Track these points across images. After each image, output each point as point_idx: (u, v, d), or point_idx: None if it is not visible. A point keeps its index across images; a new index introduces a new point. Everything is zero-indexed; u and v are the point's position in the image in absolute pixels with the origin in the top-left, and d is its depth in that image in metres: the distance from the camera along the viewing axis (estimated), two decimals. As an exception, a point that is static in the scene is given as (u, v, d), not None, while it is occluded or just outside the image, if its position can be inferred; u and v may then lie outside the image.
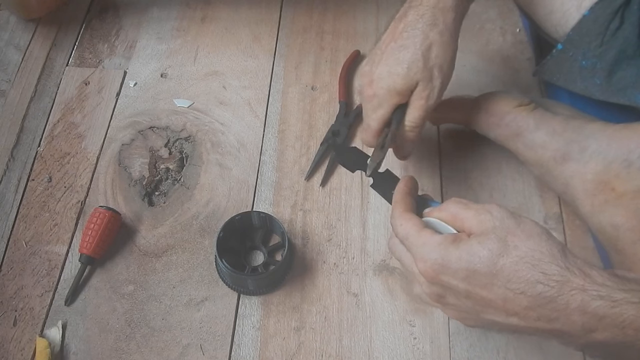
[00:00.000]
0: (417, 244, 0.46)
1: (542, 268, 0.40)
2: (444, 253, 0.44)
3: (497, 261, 0.41)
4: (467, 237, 0.44)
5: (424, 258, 0.45)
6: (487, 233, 0.43)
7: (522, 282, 0.40)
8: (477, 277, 0.42)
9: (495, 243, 0.42)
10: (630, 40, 0.62)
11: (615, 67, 0.64)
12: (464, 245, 0.43)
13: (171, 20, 0.87)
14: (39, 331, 0.62)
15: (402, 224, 0.48)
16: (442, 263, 0.43)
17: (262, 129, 0.76)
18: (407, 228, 0.47)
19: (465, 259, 0.43)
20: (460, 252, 0.43)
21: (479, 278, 0.42)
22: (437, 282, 0.45)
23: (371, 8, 0.88)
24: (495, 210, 0.44)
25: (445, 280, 0.44)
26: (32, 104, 0.79)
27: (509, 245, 0.42)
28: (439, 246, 0.44)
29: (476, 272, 0.42)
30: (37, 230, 0.68)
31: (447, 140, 0.75)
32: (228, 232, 0.64)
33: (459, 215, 0.46)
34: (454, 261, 0.43)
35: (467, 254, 0.43)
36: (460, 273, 0.43)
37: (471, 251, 0.43)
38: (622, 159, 0.57)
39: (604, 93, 0.65)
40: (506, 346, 0.61)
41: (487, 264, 0.42)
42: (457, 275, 0.43)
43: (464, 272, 0.43)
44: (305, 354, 0.61)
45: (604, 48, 0.64)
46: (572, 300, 0.39)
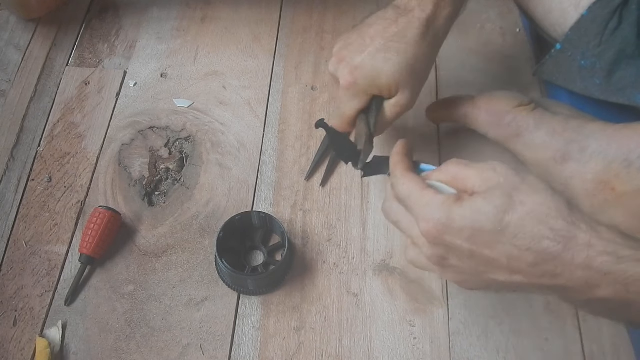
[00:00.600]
0: (420, 203, 0.44)
1: (549, 223, 0.39)
2: (448, 212, 0.42)
3: (503, 217, 0.40)
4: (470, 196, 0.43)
5: (427, 218, 0.43)
6: (492, 189, 0.41)
7: (529, 238, 0.39)
8: (483, 235, 0.41)
9: (501, 199, 0.41)
10: (629, 40, 0.62)
11: (614, 67, 0.64)
12: (468, 203, 0.41)
13: (171, 20, 0.87)
14: (39, 331, 0.62)
15: (404, 182, 0.46)
16: (446, 222, 0.42)
17: (262, 129, 0.76)
18: (410, 187, 0.45)
19: (470, 217, 0.41)
20: (465, 210, 0.41)
21: (484, 236, 0.41)
22: (439, 243, 0.43)
23: (371, 8, 0.87)
24: (499, 167, 0.43)
25: (449, 240, 0.42)
26: (32, 104, 0.79)
27: (515, 200, 0.40)
28: (443, 205, 0.42)
29: (481, 229, 0.41)
30: (37, 230, 0.68)
31: (447, 140, 0.75)
32: (228, 232, 0.64)
33: (460, 175, 0.45)
34: (459, 219, 0.41)
35: (471, 212, 0.41)
36: (465, 232, 0.41)
37: (476, 208, 0.41)
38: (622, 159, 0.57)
39: (603, 93, 0.65)
40: (506, 346, 0.61)
41: (492, 220, 0.40)
42: (461, 234, 0.41)
43: (469, 230, 0.41)
44: (305, 354, 0.61)
45: (602, 48, 0.64)
46: (577, 256, 0.38)
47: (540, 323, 0.62)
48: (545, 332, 0.62)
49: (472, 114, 0.69)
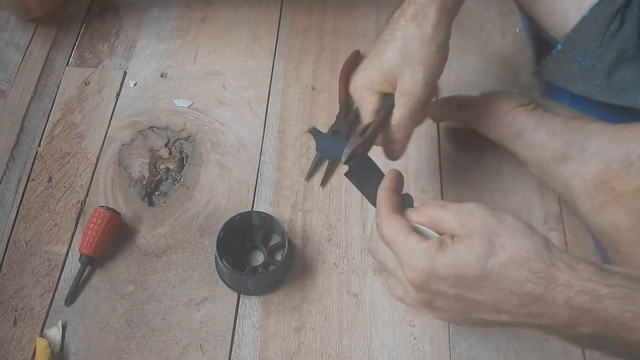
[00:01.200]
0: (404, 251, 0.45)
1: (529, 266, 0.41)
2: (431, 260, 0.43)
3: (486, 263, 0.41)
4: (451, 240, 0.43)
5: (412, 267, 0.44)
6: (472, 235, 0.43)
7: (511, 282, 0.41)
8: (467, 281, 0.42)
9: (481, 245, 0.42)
10: (630, 42, 0.62)
11: (614, 68, 0.64)
12: (450, 251, 0.43)
13: (171, 20, 0.87)
14: (39, 331, 0.62)
15: (388, 226, 0.47)
16: (430, 271, 0.43)
17: (262, 129, 0.76)
18: (395, 232, 0.46)
19: (453, 265, 0.42)
20: (448, 259, 0.42)
21: (468, 282, 0.42)
22: (425, 290, 0.44)
23: (371, 8, 0.88)
24: (476, 210, 0.44)
25: (434, 287, 0.43)
26: (32, 104, 0.79)
27: (496, 245, 0.42)
28: (426, 253, 0.43)
29: (465, 276, 0.42)
30: (37, 230, 0.68)
31: (447, 139, 0.75)
32: (228, 232, 0.64)
33: (439, 218, 0.46)
34: (442, 268, 0.42)
35: (454, 259, 0.42)
36: (449, 280, 0.43)
37: (458, 256, 0.42)
38: (622, 159, 0.57)
39: (603, 94, 0.65)
40: (506, 346, 0.61)
41: (475, 267, 0.42)
42: (446, 282, 0.43)
43: (453, 278, 0.42)
44: (305, 354, 0.61)
45: (603, 49, 0.64)
46: (559, 296, 0.40)
47: (540, 323, 0.62)
48: (545, 332, 0.62)
49: (472, 114, 0.69)
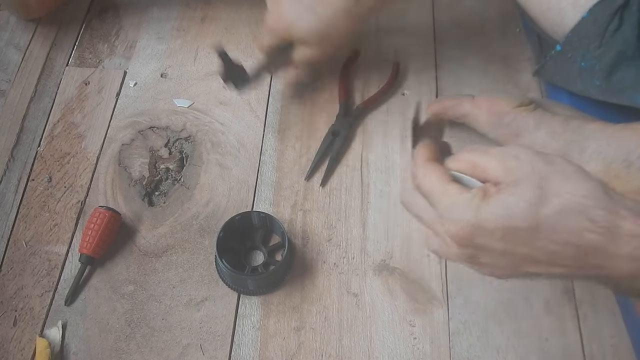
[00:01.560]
0: (445, 202, 0.41)
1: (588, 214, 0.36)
2: (475, 212, 0.39)
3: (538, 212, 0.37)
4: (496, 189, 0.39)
5: (454, 220, 0.40)
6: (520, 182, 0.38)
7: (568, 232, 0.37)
8: (518, 233, 0.38)
9: (532, 192, 0.37)
10: (629, 42, 0.62)
11: (614, 69, 0.64)
12: (496, 201, 0.38)
13: (171, 20, 0.87)
14: (39, 331, 0.62)
15: (425, 174, 0.43)
16: (476, 224, 0.39)
17: (262, 129, 0.76)
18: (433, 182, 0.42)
19: (501, 216, 0.38)
20: (494, 209, 0.38)
21: (519, 235, 0.38)
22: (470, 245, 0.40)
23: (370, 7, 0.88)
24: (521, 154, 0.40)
25: (480, 242, 0.39)
26: (32, 104, 0.79)
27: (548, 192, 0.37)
28: (469, 205, 0.39)
29: (515, 228, 0.38)
30: (37, 230, 0.68)
31: (447, 139, 0.75)
32: (228, 232, 0.64)
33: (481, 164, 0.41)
34: (488, 220, 0.38)
35: (503, 210, 0.38)
36: (497, 233, 0.38)
37: (507, 206, 0.38)
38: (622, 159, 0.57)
39: (603, 94, 0.65)
40: (506, 346, 0.61)
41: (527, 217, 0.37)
42: (493, 236, 0.39)
43: (501, 231, 0.38)
44: (305, 354, 0.61)
45: (602, 50, 0.64)
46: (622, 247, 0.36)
47: (540, 323, 0.62)
48: (545, 332, 0.62)
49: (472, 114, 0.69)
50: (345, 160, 0.74)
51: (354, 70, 0.82)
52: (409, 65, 0.82)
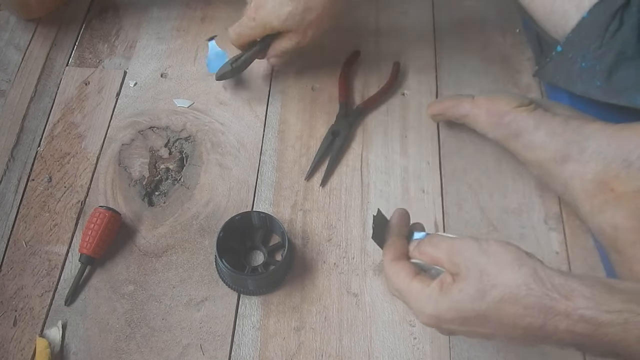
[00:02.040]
0: (411, 298, 0.49)
1: (522, 303, 0.42)
2: (434, 306, 0.46)
3: (481, 305, 0.44)
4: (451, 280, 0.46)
5: (420, 311, 0.48)
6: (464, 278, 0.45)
7: (511, 317, 0.43)
8: (470, 320, 0.45)
9: (473, 287, 0.44)
10: (629, 42, 0.62)
11: (614, 69, 0.64)
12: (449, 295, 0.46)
13: (171, 20, 0.87)
14: (39, 331, 0.62)
15: (393, 273, 0.51)
16: (437, 315, 0.46)
17: (262, 129, 0.76)
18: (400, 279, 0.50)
19: (454, 309, 0.45)
20: (448, 302, 0.45)
21: (472, 321, 0.45)
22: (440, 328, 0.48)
23: (371, 8, 0.88)
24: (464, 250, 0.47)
25: (446, 327, 0.47)
26: (32, 104, 0.79)
27: (486, 285, 0.44)
28: (430, 299, 0.46)
29: (468, 317, 0.45)
30: (37, 230, 0.68)
31: (447, 139, 0.75)
32: (228, 232, 0.64)
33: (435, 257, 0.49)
34: (445, 312, 0.46)
35: (454, 304, 0.45)
36: (456, 321, 0.46)
37: (456, 300, 0.45)
38: (621, 159, 0.57)
39: (603, 94, 0.65)
40: (506, 346, 0.61)
41: (473, 309, 0.44)
42: (454, 323, 0.46)
43: (458, 319, 0.45)
44: (305, 354, 0.61)
45: (603, 50, 0.64)
46: (559, 324, 0.41)
47: (540, 323, 0.62)
48: (545, 332, 0.62)
49: (472, 114, 0.69)
50: (345, 160, 0.74)
51: (354, 70, 0.82)
52: (409, 65, 0.82)
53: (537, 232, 0.68)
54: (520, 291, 0.42)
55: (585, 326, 0.40)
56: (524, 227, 0.68)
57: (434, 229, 0.68)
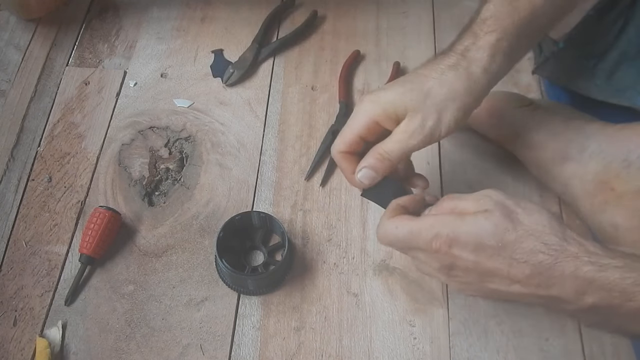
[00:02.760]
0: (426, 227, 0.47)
1: (543, 239, 0.44)
2: (453, 226, 0.46)
3: (504, 235, 0.44)
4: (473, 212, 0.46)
5: (437, 234, 0.46)
6: (492, 210, 0.45)
7: (526, 252, 0.44)
8: (485, 249, 0.45)
9: (501, 218, 0.45)
10: (633, 42, 0.62)
11: (615, 68, 0.64)
12: (472, 219, 0.46)
13: (171, 20, 0.87)
14: (39, 331, 0.62)
15: (397, 225, 0.49)
16: (454, 236, 0.45)
17: (262, 129, 0.76)
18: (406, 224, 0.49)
19: (474, 233, 0.45)
20: (469, 226, 0.45)
21: (486, 250, 0.45)
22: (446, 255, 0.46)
23: (371, 8, 0.88)
24: (493, 194, 0.47)
25: (456, 252, 0.46)
26: (32, 104, 0.79)
27: (514, 220, 0.45)
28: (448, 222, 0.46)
29: (484, 245, 0.45)
30: (37, 230, 0.68)
31: (447, 139, 0.75)
32: (228, 232, 0.64)
33: (458, 207, 0.48)
34: (464, 234, 0.45)
35: (476, 228, 0.45)
36: (470, 245, 0.45)
37: (479, 226, 0.45)
38: (621, 159, 0.57)
39: (603, 93, 0.65)
40: (506, 346, 0.61)
41: (494, 237, 0.44)
42: (467, 247, 0.45)
43: (473, 244, 0.45)
44: (305, 354, 0.61)
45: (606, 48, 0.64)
46: (566, 267, 0.43)
47: (540, 323, 0.62)
48: (545, 332, 0.62)
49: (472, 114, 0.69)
50: (345, 160, 0.73)
51: (354, 70, 0.82)
52: (409, 65, 0.82)
53: (537, 232, 0.68)
54: (545, 229, 0.44)
55: (590, 269, 0.42)
56: (524, 227, 0.68)
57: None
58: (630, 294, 0.41)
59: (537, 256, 0.43)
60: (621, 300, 0.41)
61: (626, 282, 0.41)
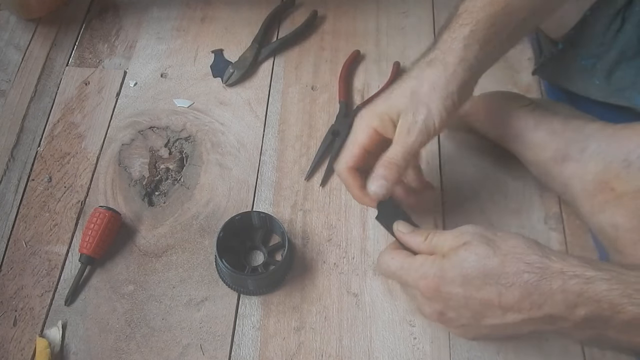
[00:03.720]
0: (415, 266, 0.50)
1: (524, 259, 0.45)
2: (439, 266, 0.48)
3: (486, 262, 0.46)
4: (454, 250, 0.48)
5: (424, 275, 0.49)
6: (471, 242, 0.48)
7: (511, 275, 0.45)
8: (472, 280, 0.46)
9: (480, 247, 0.47)
10: (631, 42, 0.62)
11: (614, 68, 0.64)
12: (454, 256, 0.48)
13: (171, 20, 0.87)
14: (39, 331, 0.62)
15: (393, 257, 0.52)
16: (441, 275, 0.48)
17: (262, 129, 0.76)
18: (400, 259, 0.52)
19: (458, 266, 0.47)
20: (452, 262, 0.47)
21: (473, 281, 0.46)
22: (437, 296, 0.48)
23: (371, 8, 0.88)
24: (470, 228, 0.49)
25: (444, 291, 0.48)
26: (32, 104, 0.79)
27: (493, 247, 0.47)
28: (433, 262, 0.49)
29: (470, 276, 0.46)
30: (37, 230, 0.68)
31: (447, 140, 0.75)
32: (228, 232, 0.64)
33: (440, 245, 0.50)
34: (449, 270, 0.47)
35: (458, 262, 0.47)
36: (457, 280, 0.47)
37: (462, 259, 0.47)
38: (621, 159, 0.57)
39: (602, 93, 0.65)
40: (506, 347, 0.61)
41: (477, 266, 0.46)
42: (454, 283, 0.47)
43: (460, 278, 0.47)
44: (305, 354, 0.61)
45: (604, 48, 0.64)
46: (553, 282, 0.43)
47: (540, 323, 0.62)
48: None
49: (471, 114, 0.69)
50: (345, 160, 0.73)
51: (354, 70, 0.82)
52: (409, 65, 0.82)
53: (537, 232, 0.68)
54: (523, 250, 0.46)
55: (577, 282, 0.43)
56: (524, 227, 0.68)
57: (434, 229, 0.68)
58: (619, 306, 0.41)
59: (523, 276, 0.44)
60: (611, 312, 0.42)
61: (613, 293, 0.42)
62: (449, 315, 0.49)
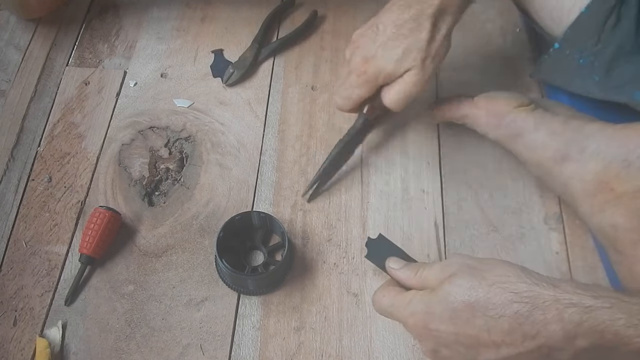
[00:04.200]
0: (404, 303, 0.50)
1: (511, 289, 0.44)
2: (427, 302, 0.48)
3: (471, 294, 0.45)
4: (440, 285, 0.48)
5: (412, 312, 0.49)
6: (455, 274, 0.47)
7: (498, 306, 0.43)
8: (459, 314, 0.45)
9: (465, 279, 0.46)
10: (628, 37, 0.62)
11: (613, 64, 0.64)
12: (440, 291, 0.47)
13: (171, 20, 0.87)
14: (39, 331, 0.62)
15: (384, 295, 0.53)
16: (428, 311, 0.47)
17: (262, 129, 0.76)
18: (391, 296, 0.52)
19: (444, 301, 0.46)
20: (439, 297, 0.47)
21: (461, 315, 0.45)
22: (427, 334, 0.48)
23: (371, 8, 0.88)
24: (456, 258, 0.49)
25: (434, 327, 0.47)
26: (32, 104, 0.79)
27: (477, 277, 0.46)
28: (422, 299, 0.48)
29: (457, 310, 0.45)
30: (37, 230, 0.68)
31: (447, 140, 0.75)
32: (228, 232, 0.64)
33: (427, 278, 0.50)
34: (436, 305, 0.47)
35: (444, 296, 0.46)
36: (444, 315, 0.46)
37: (447, 293, 0.46)
38: (621, 159, 0.57)
39: (601, 91, 0.65)
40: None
41: (462, 299, 0.45)
42: (442, 319, 0.46)
43: (447, 313, 0.46)
44: (305, 354, 0.61)
45: (601, 45, 0.64)
46: (547, 311, 0.42)
47: (540, 323, 0.62)
48: (545, 332, 0.62)
49: (472, 114, 0.69)
50: (345, 160, 0.74)
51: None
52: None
53: (537, 232, 0.68)
54: (510, 279, 0.44)
55: (575, 311, 0.41)
56: (524, 227, 0.68)
57: (434, 229, 0.68)
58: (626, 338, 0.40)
59: (512, 307, 0.43)
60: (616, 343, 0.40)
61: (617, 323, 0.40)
62: (444, 353, 0.48)
